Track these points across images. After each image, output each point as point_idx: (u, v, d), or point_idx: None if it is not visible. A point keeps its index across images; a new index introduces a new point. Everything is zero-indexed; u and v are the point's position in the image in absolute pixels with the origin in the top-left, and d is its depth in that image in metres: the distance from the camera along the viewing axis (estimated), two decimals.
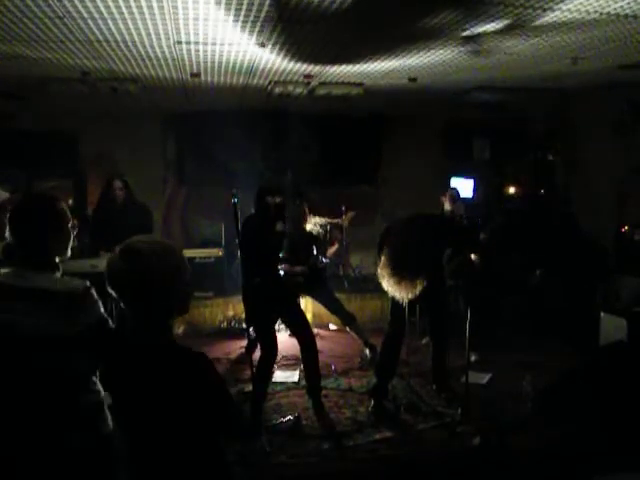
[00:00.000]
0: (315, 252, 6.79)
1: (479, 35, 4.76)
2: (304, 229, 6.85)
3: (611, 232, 7.49)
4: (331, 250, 7.26)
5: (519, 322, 7.53)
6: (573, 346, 6.36)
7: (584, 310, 6.86)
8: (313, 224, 6.96)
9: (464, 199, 7.72)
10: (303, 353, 5.49)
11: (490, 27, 4.55)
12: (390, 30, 4.61)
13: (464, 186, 8.42)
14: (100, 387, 2.75)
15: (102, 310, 2.69)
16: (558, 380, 5.23)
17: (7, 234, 2.89)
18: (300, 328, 5.50)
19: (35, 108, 7.85)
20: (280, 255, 5.57)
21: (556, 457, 4.47)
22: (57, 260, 2.73)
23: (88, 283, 2.67)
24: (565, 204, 8.96)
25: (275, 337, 5.38)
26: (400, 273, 4.84)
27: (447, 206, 7.05)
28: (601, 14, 4.23)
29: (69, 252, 2.82)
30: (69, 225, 2.77)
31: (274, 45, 4.96)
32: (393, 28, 4.56)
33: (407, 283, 4.85)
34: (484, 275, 6.97)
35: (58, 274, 2.70)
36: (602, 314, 6.22)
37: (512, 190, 9.00)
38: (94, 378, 2.72)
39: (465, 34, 4.72)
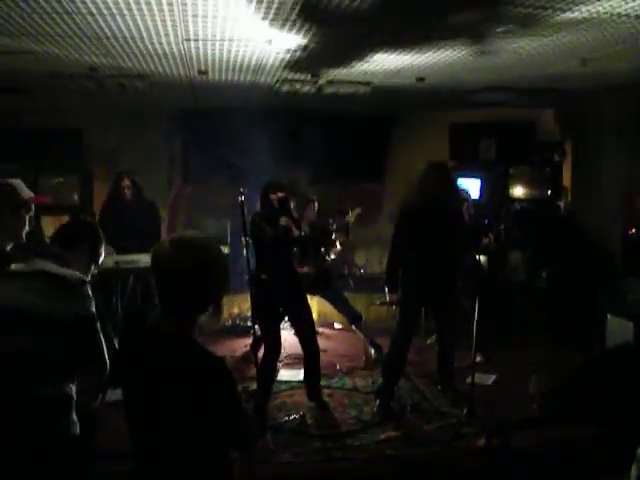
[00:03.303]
0: (323, 251, 6.81)
1: (489, 35, 4.74)
2: (313, 228, 6.86)
3: (618, 234, 7.46)
4: (335, 250, 7.25)
5: (525, 323, 7.51)
6: (579, 348, 6.34)
7: (590, 312, 6.84)
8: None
9: (472, 199, 7.70)
10: (305, 354, 5.49)
11: (501, 27, 4.53)
12: (402, 29, 4.60)
13: (470, 186, 8.39)
14: (73, 390, 2.72)
15: (93, 309, 2.73)
16: (564, 381, 5.21)
17: (24, 232, 2.96)
18: (305, 332, 5.49)
19: (42, 104, 7.85)
20: (288, 251, 5.55)
21: (560, 458, 4.46)
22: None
23: (85, 279, 2.78)
24: (571, 206, 8.94)
25: (279, 335, 5.37)
26: None
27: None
28: (611, 15, 4.21)
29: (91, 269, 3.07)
30: (96, 260, 3.07)
31: (282, 42, 4.94)
32: (406, 27, 4.56)
33: None
34: (490, 275, 6.97)
35: (60, 266, 2.78)
36: (608, 316, 6.20)
37: (518, 191, 8.97)
38: (69, 380, 2.70)
39: (477, 34, 4.71)
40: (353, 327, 7.12)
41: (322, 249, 6.83)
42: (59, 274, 2.69)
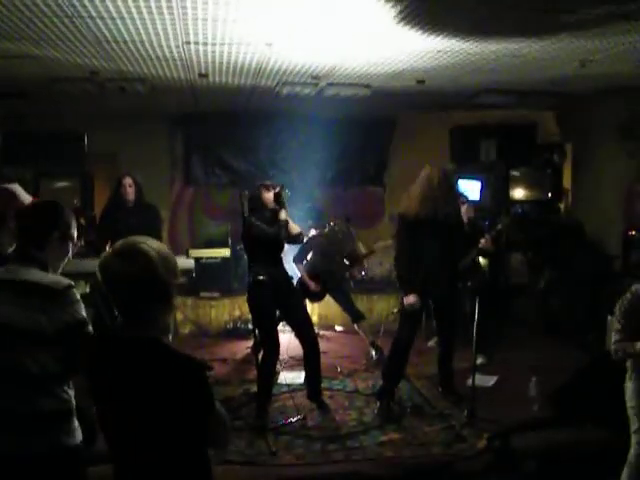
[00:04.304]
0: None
1: (490, 37, 4.75)
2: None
3: (618, 235, 7.46)
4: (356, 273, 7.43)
5: (525, 324, 7.52)
6: (579, 349, 6.34)
7: (591, 313, 6.84)
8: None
9: (472, 201, 7.70)
10: (305, 355, 5.49)
11: (502, 30, 4.55)
12: (403, 31, 4.61)
13: (471, 188, 8.39)
14: (71, 396, 2.68)
15: (83, 313, 2.65)
16: (566, 382, 5.21)
17: None
18: (303, 329, 5.50)
19: (43, 108, 7.86)
20: (281, 249, 5.57)
21: (561, 459, 4.46)
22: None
23: (71, 283, 2.66)
24: (571, 207, 8.95)
25: (277, 336, 5.38)
26: None
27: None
28: (612, 17, 4.21)
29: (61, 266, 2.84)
30: (71, 241, 2.81)
31: (282, 44, 4.96)
32: (407, 29, 4.56)
33: None
34: (491, 277, 6.97)
35: (44, 273, 2.67)
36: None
37: (518, 193, 8.97)
38: (65, 386, 2.66)
39: (477, 36, 4.72)
40: (355, 326, 7.13)
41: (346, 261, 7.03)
42: (43, 283, 2.58)
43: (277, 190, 5.29)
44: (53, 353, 2.57)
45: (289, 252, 6.70)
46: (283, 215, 5.24)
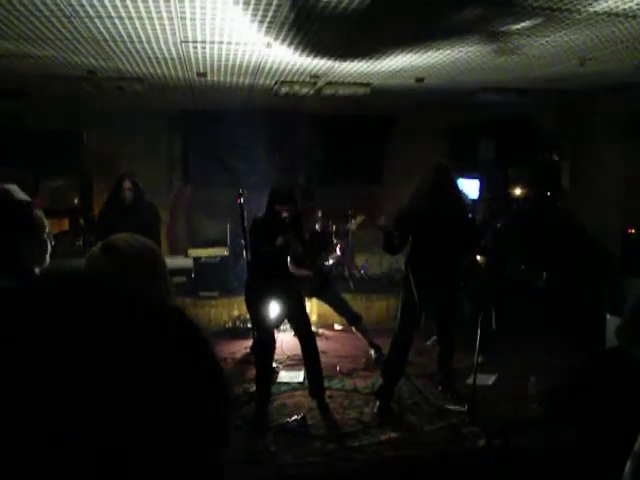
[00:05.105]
0: (323, 255, 6.88)
1: (490, 34, 4.74)
2: (313, 229, 6.93)
3: (617, 233, 7.46)
4: (334, 255, 7.27)
5: (525, 323, 7.50)
6: (579, 348, 6.33)
7: (590, 312, 6.84)
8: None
9: (471, 200, 7.70)
10: (304, 351, 5.50)
11: (501, 27, 4.54)
12: (401, 30, 4.60)
13: (469, 187, 8.39)
14: None
15: None
16: (564, 381, 5.21)
17: None
18: (299, 325, 5.51)
19: (41, 107, 7.85)
20: (285, 256, 5.57)
21: (561, 458, 4.46)
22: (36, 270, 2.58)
23: None
24: (570, 206, 8.94)
25: (273, 333, 5.39)
26: None
27: None
28: (609, 15, 4.21)
29: (47, 259, 2.66)
30: (44, 233, 2.63)
31: (281, 44, 4.94)
32: (404, 28, 4.55)
33: None
34: (490, 276, 6.97)
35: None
36: (608, 316, 6.20)
37: (517, 191, 8.97)
38: None
39: (476, 33, 4.71)
40: (353, 329, 7.11)
41: (322, 253, 6.89)
42: None
43: (285, 216, 5.27)
44: None
45: None
46: (278, 242, 5.24)
